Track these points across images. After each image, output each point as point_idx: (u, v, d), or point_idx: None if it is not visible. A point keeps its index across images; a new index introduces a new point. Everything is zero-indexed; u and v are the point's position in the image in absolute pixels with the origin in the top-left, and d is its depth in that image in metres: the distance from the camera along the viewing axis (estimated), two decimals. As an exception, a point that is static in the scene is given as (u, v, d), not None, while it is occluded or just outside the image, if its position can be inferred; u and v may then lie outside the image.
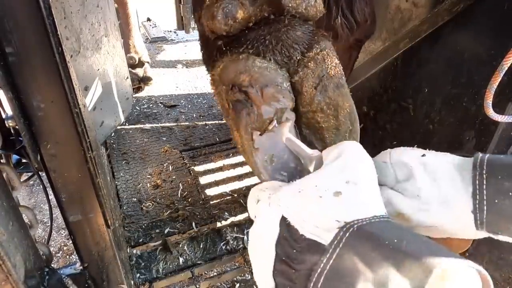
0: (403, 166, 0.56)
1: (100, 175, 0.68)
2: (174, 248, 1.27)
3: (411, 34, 1.14)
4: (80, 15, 1.15)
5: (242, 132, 0.68)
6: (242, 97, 0.68)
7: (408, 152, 0.58)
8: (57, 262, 1.88)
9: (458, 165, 0.53)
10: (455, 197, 0.50)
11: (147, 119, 2.01)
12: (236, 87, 0.68)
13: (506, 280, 1.09)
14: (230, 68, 0.70)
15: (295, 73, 0.72)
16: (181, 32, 2.74)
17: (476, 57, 1.02)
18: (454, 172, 0.52)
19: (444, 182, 0.52)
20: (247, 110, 0.67)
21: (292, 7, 0.73)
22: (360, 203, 0.45)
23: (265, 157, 0.67)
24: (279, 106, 0.68)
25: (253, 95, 0.67)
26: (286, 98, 0.69)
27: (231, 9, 0.70)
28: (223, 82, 0.71)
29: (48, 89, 0.56)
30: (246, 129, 0.68)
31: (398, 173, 0.56)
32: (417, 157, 0.55)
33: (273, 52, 0.70)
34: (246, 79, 0.67)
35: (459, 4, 1.01)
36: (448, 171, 0.52)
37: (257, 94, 0.67)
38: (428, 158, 0.55)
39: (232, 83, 0.69)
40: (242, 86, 0.68)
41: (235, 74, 0.69)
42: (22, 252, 0.64)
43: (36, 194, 2.23)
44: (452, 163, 0.53)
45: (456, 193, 0.50)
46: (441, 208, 0.51)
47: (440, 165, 0.53)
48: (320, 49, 0.72)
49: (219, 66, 0.73)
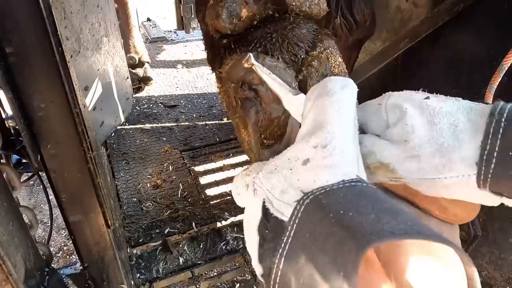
0: (397, 109, 0.47)
1: (100, 175, 0.68)
2: (174, 248, 1.27)
3: (411, 34, 1.14)
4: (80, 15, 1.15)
5: (250, 130, 0.69)
6: (252, 95, 0.68)
7: (408, 94, 0.48)
8: (57, 262, 1.88)
9: (469, 108, 0.44)
10: (456, 143, 0.42)
11: (147, 119, 2.02)
12: (246, 85, 0.68)
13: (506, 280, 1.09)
14: (239, 66, 0.70)
15: (299, 72, 0.72)
16: (181, 32, 2.74)
17: (476, 57, 1.02)
18: (460, 115, 0.43)
19: (445, 125, 0.43)
20: (256, 108, 0.68)
21: (296, 6, 0.73)
22: (325, 166, 0.39)
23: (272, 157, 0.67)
24: None
25: (262, 93, 0.68)
26: None
27: (235, 8, 0.70)
28: (232, 80, 0.72)
29: (48, 89, 0.56)
30: (254, 127, 0.68)
31: (390, 117, 0.47)
32: (417, 100, 0.46)
33: (280, 50, 0.70)
34: (256, 77, 0.68)
35: (459, 4, 1.01)
36: (452, 113, 0.43)
37: (267, 92, 0.68)
38: (431, 101, 0.46)
39: (242, 81, 0.69)
40: (252, 84, 0.68)
41: (244, 72, 0.69)
42: (22, 252, 0.64)
43: (36, 194, 2.23)
44: (460, 106, 0.44)
45: (459, 138, 0.42)
46: (436, 155, 0.42)
47: (444, 107, 0.44)
48: (324, 47, 0.73)
49: (228, 64, 0.73)
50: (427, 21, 1.09)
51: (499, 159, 0.39)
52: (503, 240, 1.08)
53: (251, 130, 0.69)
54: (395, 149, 0.45)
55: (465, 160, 0.41)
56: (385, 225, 0.31)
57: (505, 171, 0.39)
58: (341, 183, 0.37)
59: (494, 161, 0.39)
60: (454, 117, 0.43)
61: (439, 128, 0.43)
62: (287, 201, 0.39)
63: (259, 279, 0.57)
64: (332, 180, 0.38)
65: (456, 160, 0.41)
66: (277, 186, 0.41)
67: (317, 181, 0.38)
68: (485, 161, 0.40)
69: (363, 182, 0.38)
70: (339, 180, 0.38)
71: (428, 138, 0.43)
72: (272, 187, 0.42)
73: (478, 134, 0.41)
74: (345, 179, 0.38)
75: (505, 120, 0.40)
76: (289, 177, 0.41)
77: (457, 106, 0.44)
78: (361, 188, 0.37)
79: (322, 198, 0.36)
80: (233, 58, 0.72)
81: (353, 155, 0.41)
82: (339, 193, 0.36)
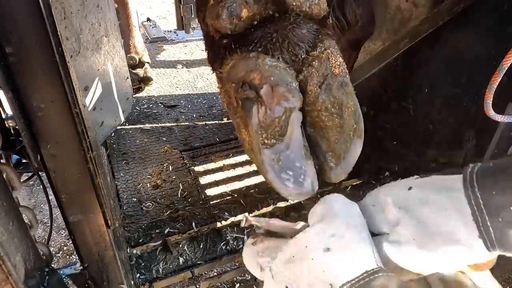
0: (391, 208, 0.49)
1: (100, 175, 0.68)
2: (174, 248, 1.27)
3: (411, 34, 1.14)
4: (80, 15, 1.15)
5: (251, 130, 0.69)
6: (252, 95, 0.68)
7: (393, 190, 0.51)
8: (57, 262, 1.88)
9: (447, 187, 0.46)
10: (455, 226, 0.43)
11: (147, 119, 2.01)
12: (247, 85, 0.68)
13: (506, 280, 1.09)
14: (240, 66, 0.70)
15: (300, 72, 0.72)
16: (181, 32, 2.73)
17: (476, 57, 1.02)
18: (445, 198, 0.45)
19: (439, 214, 0.45)
20: (256, 108, 0.68)
21: (296, 6, 0.73)
22: (348, 259, 0.42)
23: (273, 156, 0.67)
24: (288, 105, 0.68)
25: (263, 93, 0.68)
26: (295, 98, 0.70)
27: (235, 8, 0.70)
28: (232, 79, 0.72)
29: (48, 89, 0.56)
30: (255, 127, 0.68)
31: (389, 217, 0.50)
32: (403, 195, 0.49)
33: (280, 50, 0.70)
34: (257, 77, 0.68)
35: (459, 4, 1.01)
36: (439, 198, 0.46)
37: (268, 92, 0.67)
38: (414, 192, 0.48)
39: (242, 81, 0.69)
40: (252, 84, 0.68)
41: (245, 72, 0.69)
42: (22, 252, 0.64)
43: (36, 194, 2.23)
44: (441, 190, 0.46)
45: (451, 218, 0.44)
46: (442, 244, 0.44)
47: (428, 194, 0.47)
48: (325, 47, 0.72)
49: (228, 64, 0.73)
50: (427, 21, 1.09)
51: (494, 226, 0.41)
52: (503, 240, 1.08)
53: (251, 130, 0.68)
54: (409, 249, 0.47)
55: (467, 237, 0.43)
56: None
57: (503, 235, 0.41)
58: (367, 273, 0.41)
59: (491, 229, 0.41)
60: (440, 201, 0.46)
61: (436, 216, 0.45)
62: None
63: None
64: (356, 272, 0.41)
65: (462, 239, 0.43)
66: (302, 278, 0.43)
67: (342, 275, 0.41)
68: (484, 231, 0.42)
69: (384, 271, 0.42)
70: (363, 271, 0.41)
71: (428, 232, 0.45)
72: (296, 277, 0.44)
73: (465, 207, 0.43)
74: (367, 269, 0.41)
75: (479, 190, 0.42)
76: (313, 267, 0.43)
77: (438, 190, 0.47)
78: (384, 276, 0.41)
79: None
80: (234, 58, 0.72)
81: (369, 245, 0.45)
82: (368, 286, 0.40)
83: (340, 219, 0.46)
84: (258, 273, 0.52)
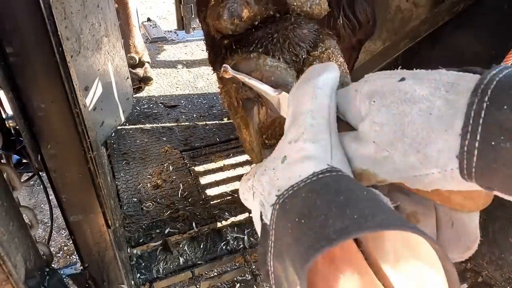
0: (367, 100, 0.40)
1: (100, 175, 0.68)
2: (175, 248, 1.27)
3: (411, 34, 1.14)
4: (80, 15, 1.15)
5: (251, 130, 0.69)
6: (253, 95, 0.68)
7: (383, 78, 0.41)
8: (58, 262, 1.88)
9: (450, 85, 0.36)
10: (432, 134, 0.34)
11: (148, 119, 2.02)
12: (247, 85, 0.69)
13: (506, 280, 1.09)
14: (241, 66, 0.70)
15: (301, 72, 0.72)
16: (181, 32, 2.73)
17: (476, 57, 1.02)
18: (437, 98, 0.35)
19: (417, 115, 0.36)
20: (257, 109, 0.68)
21: (297, 6, 0.73)
22: (298, 161, 0.37)
23: None
24: None
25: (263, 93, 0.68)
26: None
27: (236, 8, 0.70)
28: (233, 80, 0.72)
29: (48, 89, 0.56)
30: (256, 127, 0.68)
31: (362, 109, 0.41)
32: (390, 86, 0.39)
33: (281, 50, 0.70)
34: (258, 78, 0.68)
35: (459, 4, 1.01)
36: (427, 96, 0.36)
37: None
38: (404, 84, 0.38)
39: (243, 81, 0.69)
40: None
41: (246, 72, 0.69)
42: (22, 252, 0.64)
43: (36, 194, 2.23)
44: (440, 85, 0.37)
45: (433, 129, 0.35)
46: (410, 152, 0.36)
47: (418, 90, 0.37)
48: (325, 47, 0.73)
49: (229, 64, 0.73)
50: (427, 21, 1.09)
51: (482, 150, 0.32)
52: (503, 240, 1.08)
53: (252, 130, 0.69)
54: (367, 151, 0.39)
55: (443, 153, 0.34)
56: (328, 229, 0.29)
57: (488, 164, 0.31)
58: (310, 176, 0.35)
59: (476, 153, 0.32)
60: (429, 101, 0.35)
61: (410, 119, 0.36)
62: (270, 204, 0.37)
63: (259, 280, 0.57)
64: (304, 175, 0.35)
65: (432, 155, 0.35)
66: (266, 188, 0.40)
67: (291, 178, 0.36)
68: (467, 153, 0.32)
69: (333, 171, 0.35)
70: (309, 174, 0.35)
71: (398, 134, 0.36)
72: (263, 189, 0.40)
73: (457, 119, 0.33)
74: (315, 171, 0.35)
75: (489, 100, 0.32)
76: (272, 177, 0.39)
77: (435, 86, 0.36)
78: (326, 181, 0.34)
79: (287, 202, 0.35)
80: (235, 58, 0.72)
81: (324, 145, 0.38)
82: (301, 193, 0.34)
83: (301, 115, 0.40)
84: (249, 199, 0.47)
